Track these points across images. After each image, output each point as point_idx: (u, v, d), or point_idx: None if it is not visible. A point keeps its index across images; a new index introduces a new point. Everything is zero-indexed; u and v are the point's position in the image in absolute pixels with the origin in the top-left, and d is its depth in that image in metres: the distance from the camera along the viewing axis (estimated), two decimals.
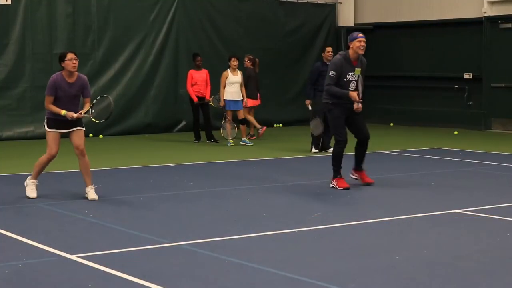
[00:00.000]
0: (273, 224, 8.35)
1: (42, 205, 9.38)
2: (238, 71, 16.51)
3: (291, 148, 16.09)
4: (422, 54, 22.20)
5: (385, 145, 15.99)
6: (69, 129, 9.86)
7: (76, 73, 9.82)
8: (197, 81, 17.14)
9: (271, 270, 6.44)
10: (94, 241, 7.54)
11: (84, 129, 10.00)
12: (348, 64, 10.52)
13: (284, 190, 10.68)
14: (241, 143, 16.36)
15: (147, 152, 15.78)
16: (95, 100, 9.99)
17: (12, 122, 17.91)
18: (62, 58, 9.73)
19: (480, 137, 19.17)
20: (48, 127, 9.84)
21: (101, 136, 18.63)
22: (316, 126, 14.86)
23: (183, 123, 20.12)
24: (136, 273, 6.29)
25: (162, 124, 19.80)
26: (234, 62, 16.44)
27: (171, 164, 13.31)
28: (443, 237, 7.93)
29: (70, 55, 9.68)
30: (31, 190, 9.94)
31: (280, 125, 22.13)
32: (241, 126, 16.53)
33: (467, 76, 21.35)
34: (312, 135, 15.19)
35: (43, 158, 9.96)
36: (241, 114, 16.50)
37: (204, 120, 17.27)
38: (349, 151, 11.04)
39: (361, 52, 10.50)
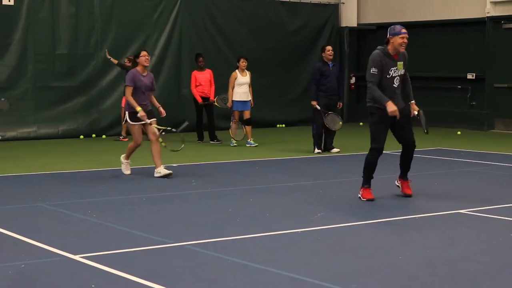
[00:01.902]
0: (276, 225, 8.35)
1: (45, 206, 9.39)
2: (247, 72, 16.40)
3: (294, 148, 16.09)
4: (425, 54, 22.18)
5: (387, 145, 15.91)
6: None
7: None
8: (201, 81, 17.13)
9: (274, 270, 6.44)
10: (97, 241, 7.55)
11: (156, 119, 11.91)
12: (388, 59, 9.48)
13: (287, 191, 10.68)
14: (247, 145, 16.28)
15: (150, 152, 15.74)
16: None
17: (15, 123, 17.92)
18: (137, 55, 11.79)
19: (483, 137, 19.16)
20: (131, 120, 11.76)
21: (104, 136, 18.66)
22: (333, 121, 14.87)
23: (186, 123, 20.13)
24: (139, 273, 6.29)
25: (165, 124, 19.77)
26: (243, 63, 16.34)
27: (174, 165, 13.30)
28: (446, 238, 7.92)
29: (144, 52, 11.79)
30: (125, 168, 12.06)
31: (283, 125, 22.14)
32: (246, 127, 16.39)
33: (470, 76, 21.34)
34: (313, 136, 15.18)
35: (132, 144, 12.11)
36: (248, 115, 16.42)
37: (208, 121, 17.26)
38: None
39: (402, 49, 9.50)
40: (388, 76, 9.46)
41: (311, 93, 15.25)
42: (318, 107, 14.90)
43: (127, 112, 11.83)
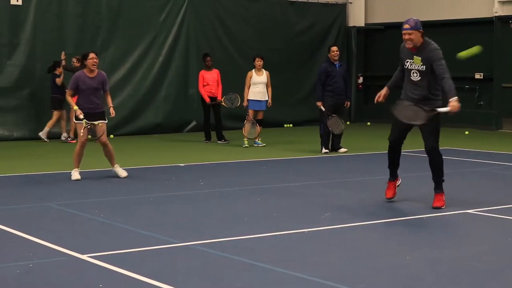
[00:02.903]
0: (283, 224, 8.35)
1: (52, 205, 9.40)
2: (264, 71, 16.24)
3: (301, 148, 16.08)
4: None
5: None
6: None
7: (97, 70, 11.54)
8: (209, 81, 17.13)
9: (281, 270, 6.44)
10: (104, 241, 7.56)
11: (106, 121, 11.66)
12: (407, 50, 9.13)
13: (294, 191, 10.68)
14: (254, 144, 16.26)
15: (157, 152, 15.81)
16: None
17: (23, 122, 17.96)
18: (85, 56, 11.51)
19: (491, 137, 19.12)
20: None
21: (111, 136, 18.67)
22: (336, 125, 14.85)
23: (194, 123, 20.15)
24: (146, 273, 6.30)
25: (172, 124, 19.83)
26: (258, 62, 16.18)
27: (181, 164, 13.32)
28: (453, 238, 7.91)
29: (92, 55, 11.49)
30: (74, 173, 11.55)
31: (290, 125, 22.14)
32: (257, 126, 16.23)
33: (478, 76, 21.30)
34: (320, 136, 15.17)
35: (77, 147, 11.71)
36: (261, 116, 16.25)
37: (215, 120, 17.26)
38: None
39: (408, 46, 9.03)
40: (404, 66, 9.20)
41: (317, 94, 15.23)
42: (323, 108, 14.89)
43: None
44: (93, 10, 18.87)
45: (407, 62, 9.12)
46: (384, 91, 9.43)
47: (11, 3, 17.83)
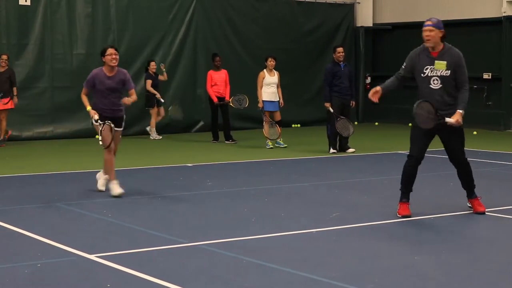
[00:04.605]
0: (291, 224, 8.34)
1: (61, 205, 9.42)
2: (275, 72, 16.12)
3: (309, 148, 16.07)
4: None
5: (403, 145, 15.91)
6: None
7: (116, 67, 10.33)
8: (217, 81, 17.13)
9: (290, 270, 6.44)
10: (112, 241, 7.57)
11: (121, 129, 10.47)
12: (425, 56, 8.56)
13: (302, 191, 10.67)
14: (276, 144, 16.21)
15: (165, 152, 15.82)
16: None
17: (32, 122, 18.01)
18: (103, 52, 10.29)
19: (499, 138, 19.08)
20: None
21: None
22: (344, 127, 14.83)
23: (201, 123, 20.16)
24: (155, 273, 6.30)
25: (180, 124, 19.84)
26: (270, 62, 16.02)
27: (189, 164, 13.33)
28: (461, 238, 7.90)
29: (110, 50, 10.24)
30: (101, 184, 10.40)
31: (298, 125, 22.13)
32: (277, 127, 15.98)
33: (486, 76, 21.24)
34: (328, 136, 15.16)
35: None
36: (278, 116, 16.11)
37: (223, 121, 17.27)
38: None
39: (427, 44, 8.51)
40: (422, 75, 8.56)
41: (324, 95, 15.21)
42: (332, 110, 14.86)
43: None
44: (102, 10, 18.90)
45: (427, 69, 8.53)
46: (380, 91, 8.87)
47: (20, 3, 17.88)
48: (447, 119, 8.52)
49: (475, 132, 19.98)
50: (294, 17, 22.39)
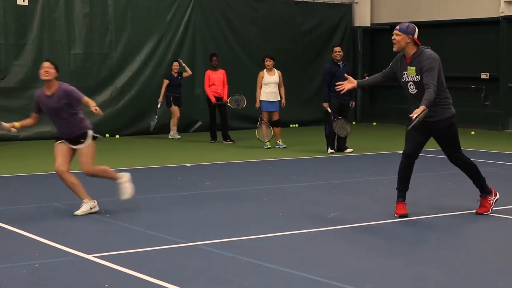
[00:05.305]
0: (290, 224, 8.34)
1: (59, 205, 9.41)
2: (276, 71, 16.00)
3: (308, 148, 16.07)
4: (439, 54, 21.95)
5: (401, 145, 15.89)
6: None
7: (57, 83, 9.10)
8: (214, 81, 17.13)
9: (288, 270, 6.43)
10: (110, 241, 7.56)
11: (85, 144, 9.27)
12: (403, 61, 8.56)
13: (300, 191, 10.67)
14: (276, 146, 16.17)
15: (163, 152, 15.81)
16: None
17: None
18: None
19: (497, 138, 19.08)
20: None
21: (117, 136, 18.69)
22: (342, 128, 14.82)
23: (199, 123, 20.16)
24: (153, 273, 6.30)
25: (179, 124, 19.81)
26: (267, 62, 15.87)
27: (188, 164, 13.32)
28: (460, 237, 7.90)
29: (43, 64, 8.88)
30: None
31: (296, 125, 22.13)
32: (275, 128, 16.00)
33: (484, 76, 21.25)
34: (326, 136, 15.16)
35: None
36: (276, 116, 16.06)
37: (222, 121, 17.27)
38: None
39: (394, 48, 8.59)
40: (402, 80, 8.54)
41: (323, 95, 15.19)
42: (330, 110, 14.85)
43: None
44: (100, 10, 18.89)
45: (404, 74, 8.50)
46: (349, 85, 8.95)
47: (18, 3, 17.86)
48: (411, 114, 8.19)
49: (473, 132, 19.99)
50: (292, 17, 22.39)
